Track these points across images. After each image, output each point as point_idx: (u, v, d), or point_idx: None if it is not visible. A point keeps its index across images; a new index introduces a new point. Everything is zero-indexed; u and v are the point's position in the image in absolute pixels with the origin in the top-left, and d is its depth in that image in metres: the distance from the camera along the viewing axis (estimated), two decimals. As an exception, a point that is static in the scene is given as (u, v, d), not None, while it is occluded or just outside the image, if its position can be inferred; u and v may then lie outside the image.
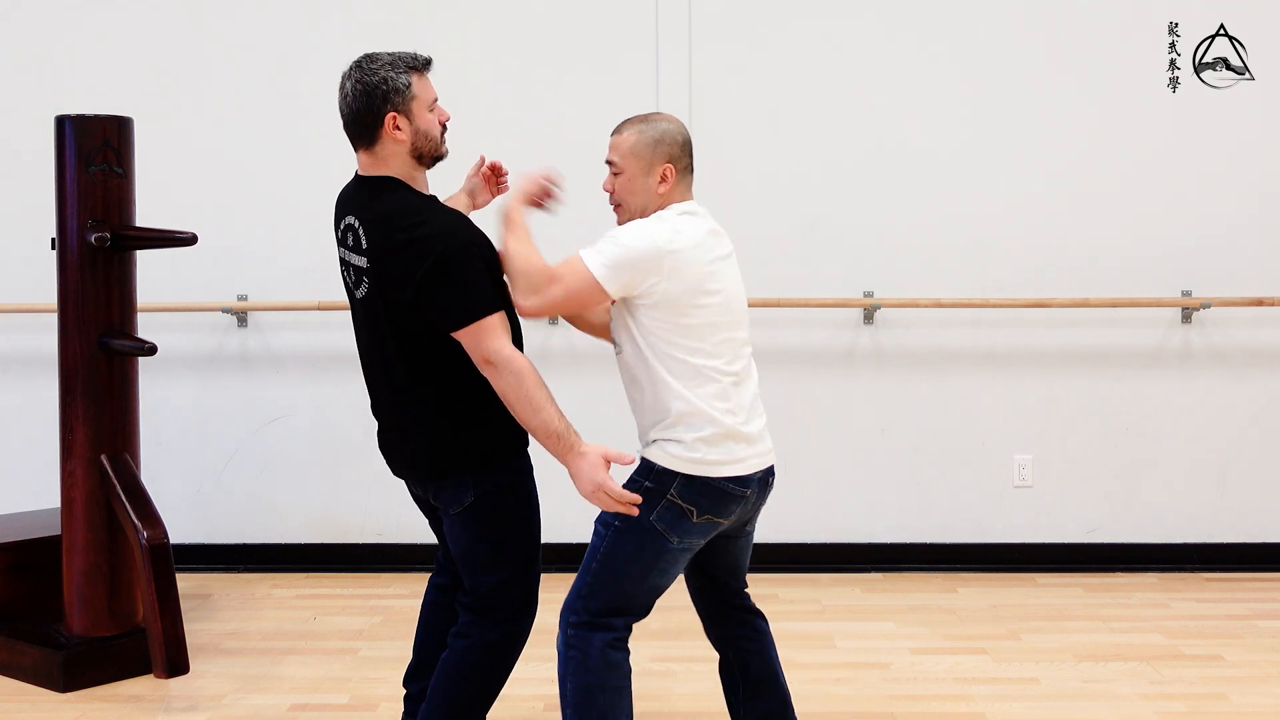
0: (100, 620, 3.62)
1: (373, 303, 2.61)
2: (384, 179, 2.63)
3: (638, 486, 2.54)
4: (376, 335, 2.64)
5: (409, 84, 2.58)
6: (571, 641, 2.55)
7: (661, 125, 2.62)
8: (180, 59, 4.74)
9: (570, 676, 2.53)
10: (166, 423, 4.78)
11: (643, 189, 2.60)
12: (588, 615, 2.55)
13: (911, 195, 4.69)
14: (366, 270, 2.60)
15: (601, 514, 2.60)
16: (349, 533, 4.84)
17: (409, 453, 2.69)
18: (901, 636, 3.98)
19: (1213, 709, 3.35)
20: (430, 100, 2.62)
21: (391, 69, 2.58)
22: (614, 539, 2.54)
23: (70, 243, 3.57)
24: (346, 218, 2.69)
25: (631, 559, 2.53)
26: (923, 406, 4.74)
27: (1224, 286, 4.68)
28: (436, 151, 2.66)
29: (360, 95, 2.60)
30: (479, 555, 2.67)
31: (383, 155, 2.63)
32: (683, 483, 2.51)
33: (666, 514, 2.52)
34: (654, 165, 2.59)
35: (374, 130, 2.60)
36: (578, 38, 4.71)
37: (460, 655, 2.71)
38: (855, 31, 4.69)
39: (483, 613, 2.70)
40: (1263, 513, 4.75)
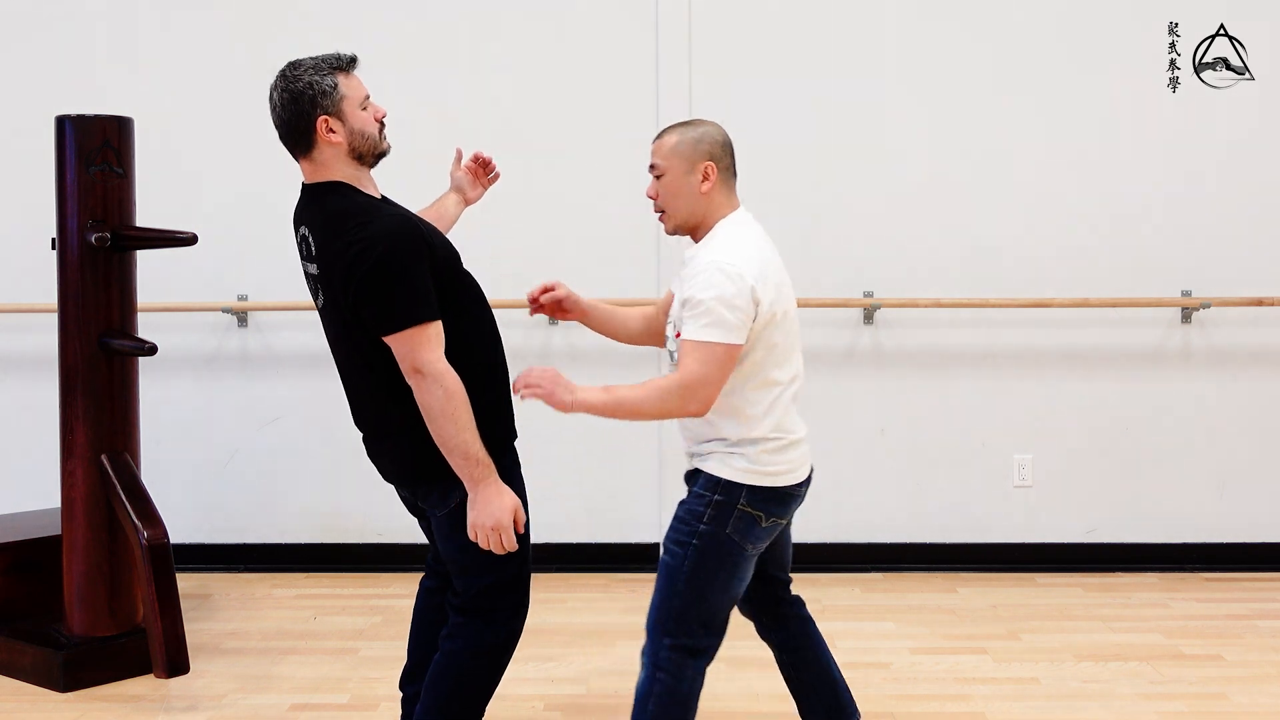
0: (100, 620, 3.62)
1: (332, 310, 2.57)
2: (328, 184, 2.59)
3: (705, 502, 2.56)
4: (345, 343, 2.60)
5: (335, 85, 2.53)
6: (664, 664, 2.56)
7: (702, 127, 2.64)
8: (180, 59, 4.74)
9: (655, 698, 2.55)
10: (166, 423, 4.78)
11: (686, 189, 2.60)
12: (686, 638, 2.57)
13: (912, 195, 4.69)
14: (319, 277, 2.55)
15: (671, 533, 2.61)
16: (349, 533, 4.84)
17: (393, 458, 2.67)
18: (901, 636, 3.98)
19: (1213, 709, 3.35)
20: (361, 98, 2.58)
21: (315, 73, 2.53)
22: (697, 557, 2.55)
23: (70, 243, 3.57)
24: (300, 228, 2.63)
25: (716, 572, 2.56)
26: (923, 406, 4.74)
27: (1224, 286, 4.68)
28: (377, 149, 2.61)
29: (288, 104, 2.55)
30: (469, 557, 2.63)
31: (322, 161, 2.58)
32: (749, 492, 2.55)
33: (740, 524, 2.56)
34: (696, 163, 2.59)
35: (308, 136, 2.56)
36: (577, 41, 4.71)
37: (451, 658, 2.68)
38: (855, 31, 4.69)
39: (474, 614, 2.67)
40: (1263, 513, 4.75)
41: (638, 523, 4.82)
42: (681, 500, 2.65)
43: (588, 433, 4.76)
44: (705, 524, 2.55)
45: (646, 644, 2.61)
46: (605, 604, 4.34)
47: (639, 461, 4.78)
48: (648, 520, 4.79)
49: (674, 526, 2.61)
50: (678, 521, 2.61)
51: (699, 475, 2.63)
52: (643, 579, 4.68)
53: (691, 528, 2.56)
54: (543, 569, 4.76)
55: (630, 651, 3.82)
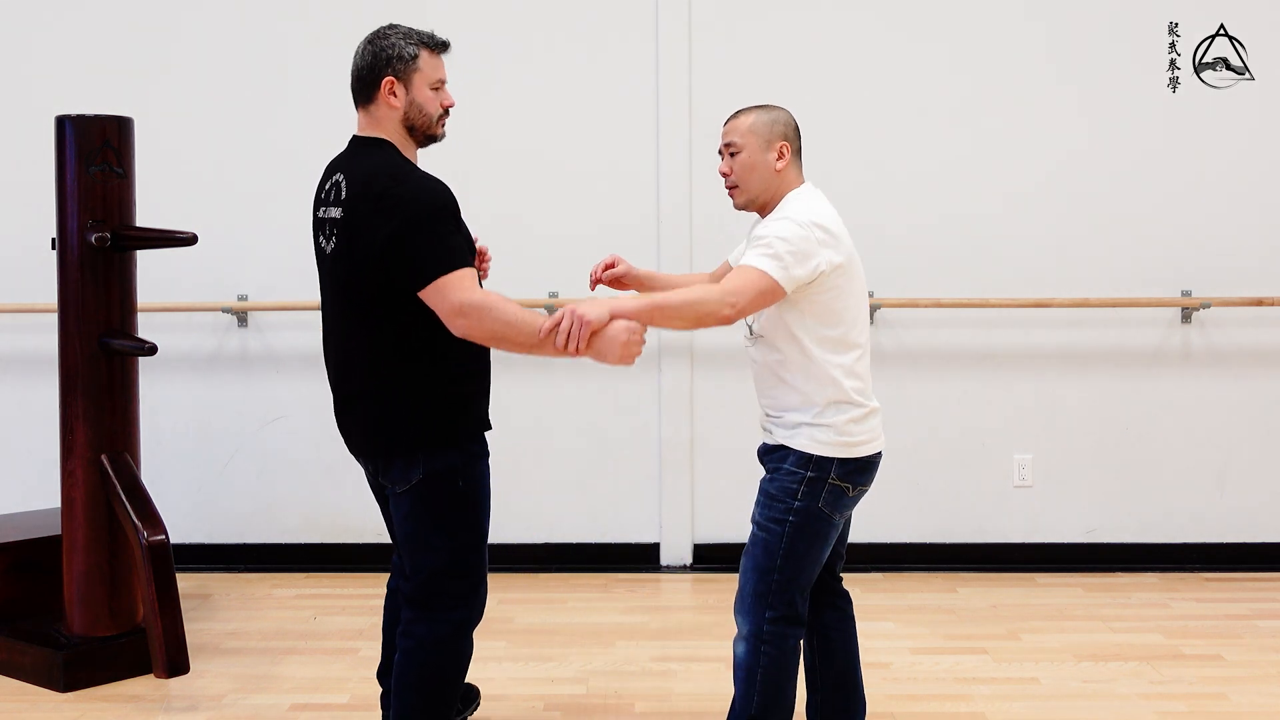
0: (100, 620, 3.62)
1: (340, 260, 2.58)
2: (376, 139, 2.66)
3: (799, 479, 2.66)
4: (344, 292, 2.61)
5: (415, 55, 2.63)
6: (767, 638, 2.67)
7: (775, 110, 2.77)
8: (180, 59, 4.74)
9: (764, 670, 2.67)
10: (166, 423, 4.78)
11: (762, 165, 2.71)
12: (787, 608, 2.68)
13: (911, 195, 4.69)
14: (339, 221, 2.58)
15: (764, 511, 2.70)
16: (349, 533, 4.84)
17: (362, 426, 2.65)
18: (901, 636, 3.98)
19: (1213, 709, 3.35)
20: (434, 79, 2.66)
21: (404, 39, 2.63)
22: (793, 534, 2.66)
23: (70, 243, 3.57)
24: (334, 176, 2.67)
25: (811, 544, 2.69)
26: (923, 406, 4.74)
27: (1224, 286, 4.68)
28: (430, 129, 2.68)
29: (367, 55, 2.65)
30: (421, 536, 2.62)
31: (377, 117, 2.66)
32: (839, 464, 2.68)
33: (830, 496, 2.68)
34: (772, 142, 2.72)
35: (372, 90, 2.65)
36: (578, 33, 4.71)
37: (409, 656, 2.66)
38: (855, 31, 4.69)
39: (425, 605, 2.65)
40: (1263, 513, 4.75)
41: (638, 523, 4.82)
42: (769, 477, 2.73)
43: (588, 433, 4.77)
44: (799, 500, 2.66)
45: (744, 621, 2.71)
46: (605, 604, 4.34)
47: (639, 462, 4.78)
48: (648, 520, 4.80)
49: (766, 504, 2.70)
50: (769, 499, 2.70)
51: (785, 452, 2.70)
52: (643, 579, 4.69)
53: (786, 505, 2.67)
54: (543, 569, 4.77)
55: (630, 652, 3.82)
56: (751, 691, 2.69)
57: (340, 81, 4.72)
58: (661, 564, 4.81)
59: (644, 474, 4.78)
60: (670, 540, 4.80)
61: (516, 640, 3.93)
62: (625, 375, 4.76)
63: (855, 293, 2.69)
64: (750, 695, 2.69)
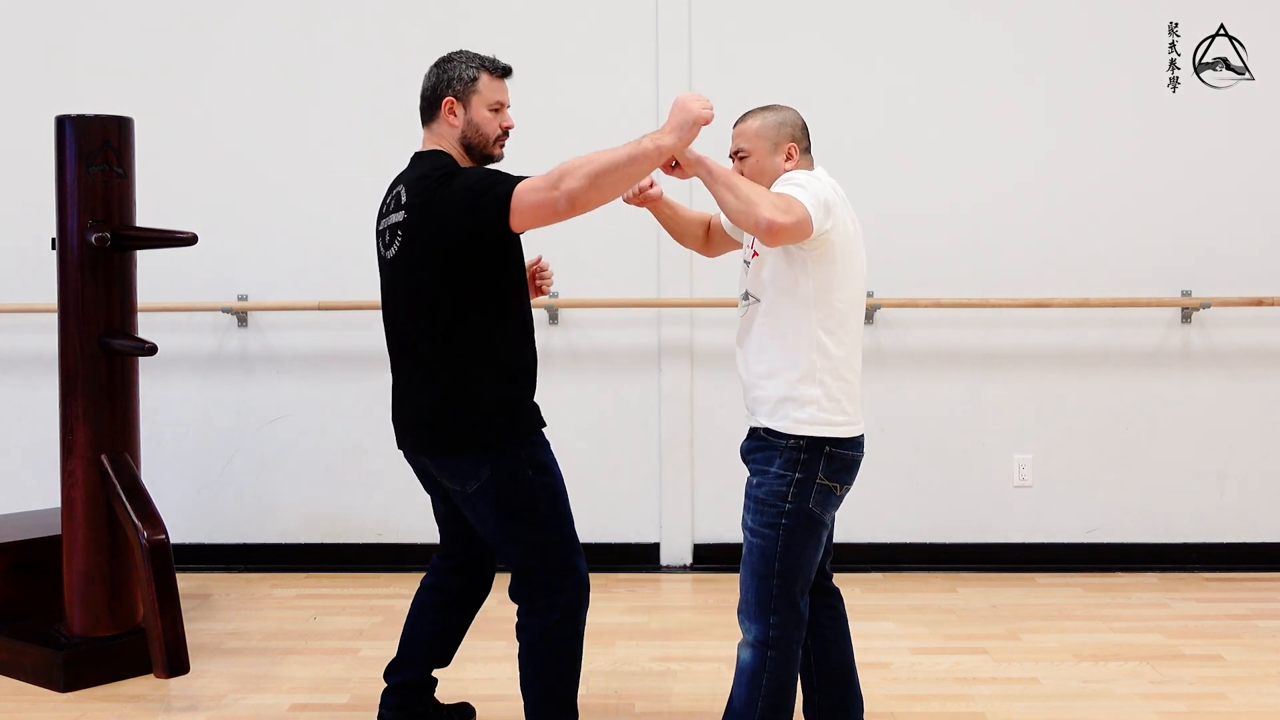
0: (100, 620, 3.62)
1: (403, 262, 2.69)
2: (433, 151, 2.79)
3: (787, 482, 2.67)
4: (407, 295, 2.72)
5: (475, 78, 2.77)
6: (774, 642, 2.69)
7: (782, 111, 2.80)
8: (180, 59, 4.74)
9: (769, 674, 2.69)
10: (166, 423, 4.79)
11: (770, 168, 2.74)
12: (788, 611, 2.70)
13: (911, 195, 4.70)
14: (401, 224, 2.69)
15: (756, 517, 2.70)
16: (349, 533, 4.84)
17: (423, 425, 2.73)
18: (901, 636, 3.98)
19: (1213, 709, 3.35)
20: (493, 101, 2.80)
21: (467, 63, 2.79)
22: (787, 538, 2.68)
23: (70, 243, 3.57)
24: (395, 188, 2.79)
25: (805, 545, 2.71)
26: (923, 406, 4.74)
27: (1224, 286, 4.68)
28: (486, 149, 2.81)
29: (433, 76, 2.81)
30: (504, 532, 2.73)
31: (437, 134, 2.81)
32: (827, 462, 2.67)
33: (819, 497, 2.70)
34: (780, 144, 2.76)
35: (433, 110, 2.79)
36: (576, 37, 4.71)
37: (530, 650, 2.79)
38: (855, 30, 4.69)
39: (528, 598, 2.77)
40: (1263, 513, 4.75)
41: (638, 523, 4.82)
42: (755, 482, 2.72)
43: (588, 433, 4.77)
44: (790, 503, 2.67)
45: (750, 627, 2.72)
46: (605, 604, 4.34)
47: (639, 462, 4.78)
48: (648, 520, 4.80)
49: (756, 510, 2.71)
50: (760, 505, 2.70)
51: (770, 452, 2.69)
52: (643, 579, 4.69)
53: (778, 508, 2.68)
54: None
55: (630, 652, 3.82)
56: (755, 695, 2.70)
57: (341, 82, 4.74)
58: (661, 564, 4.81)
59: (644, 474, 4.78)
60: (670, 540, 4.80)
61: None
62: (625, 375, 4.77)
63: (854, 268, 2.72)
64: (754, 700, 2.70)
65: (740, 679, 2.73)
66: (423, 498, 4.70)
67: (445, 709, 3.21)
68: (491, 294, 2.68)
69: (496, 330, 2.68)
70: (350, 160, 4.72)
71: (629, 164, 2.58)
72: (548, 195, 2.55)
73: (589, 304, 4.67)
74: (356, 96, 4.72)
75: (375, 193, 4.87)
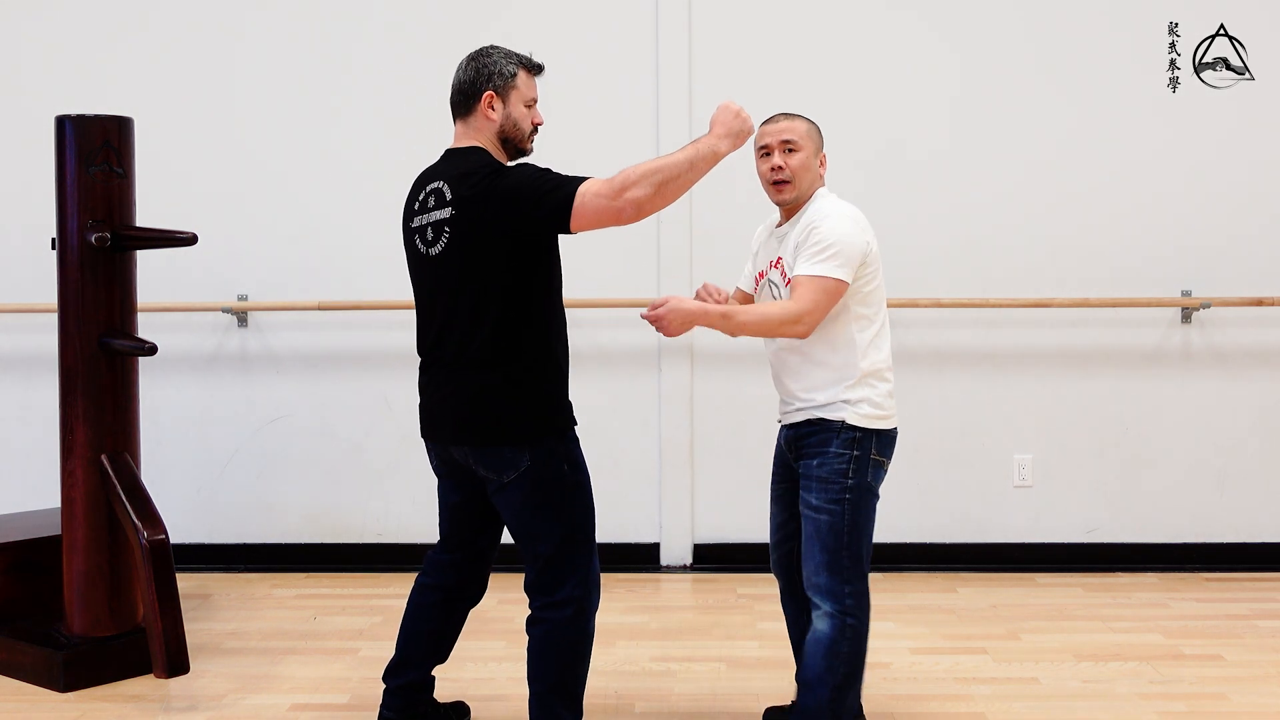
0: (100, 620, 3.62)
1: (451, 258, 2.73)
2: (472, 147, 2.82)
3: (846, 459, 2.85)
4: (453, 290, 2.74)
5: (514, 74, 2.82)
6: (852, 610, 2.83)
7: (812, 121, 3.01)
8: (180, 59, 4.74)
9: (849, 641, 2.83)
10: (166, 423, 4.79)
11: (811, 168, 2.96)
12: (860, 580, 2.86)
13: (911, 195, 4.70)
14: (449, 220, 2.72)
15: (820, 495, 2.84)
16: (349, 533, 4.84)
17: (465, 416, 2.77)
18: (901, 636, 3.98)
19: (1213, 709, 3.35)
20: (529, 98, 2.85)
21: (505, 59, 2.83)
22: (853, 512, 2.85)
23: (70, 243, 3.57)
24: (430, 184, 2.81)
25: (868, 520, 2.90)
26: (923, 406, 4.74)
27: (1224, 286, 4.68)
28: (521, 143, 2.86)
29: (470, 69, 2.83)
30: (537, 522, 2.78)
31: (475, 127, 2.84)
32: (877, 440, 2.88)
33: (876, 471, 2.90)
34: (820, 149, 3.00)
35: (472, 102, 2.82)
36: (577, 34, 4.71)
37: (540, 641, 2.84)
38: (854, 31, 4.69)
39: (547, 590, 2.83)
40: (1263, 513, 4.75)
41: (638, 523, 4.82)
42: (814, 462, 2.88)
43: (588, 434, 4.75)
44: (851, 478, 2.85)
45: (825, 599, 2.84)
46: (605, 604, 4.32)
47: (639, 462, 4.78)
48: (648, 520, 4.80)
49: (820, 489, 2.86)
50: (823, 483, 2.86)
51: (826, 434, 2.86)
52: (643, 579, 4.69)
53: (841, 484, 2.85)
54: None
55: (630, 652, 3.82)
56: (836, 664, 2.82)
57: (341, 81, 4.74)
58: (661, 564, 4.81)
59: (644, 474, 4.78)
60: (670, 540, 4.80)
61: (517, 640, 3.93)
62: (625, 375, 4.77)
63: (880, 273, 2.97)
64: (835, 667, 2.82)
65: (816, 649, 2.84)
66: (422, 498, 4.73)
67: (443, 708, 3.21)
68: (537, 291, 2.75)
69: (540, 326, 2.75)
70: (351, 160, 4.72)
71: (690, 170, 2.69)
72: (611, 204, 2.62)
73: (589, 304, 4.67)
74: (357, 96, 4.72)
75: (376, 193, 4.90)
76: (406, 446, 4.74)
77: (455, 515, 3.05)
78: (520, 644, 3.88)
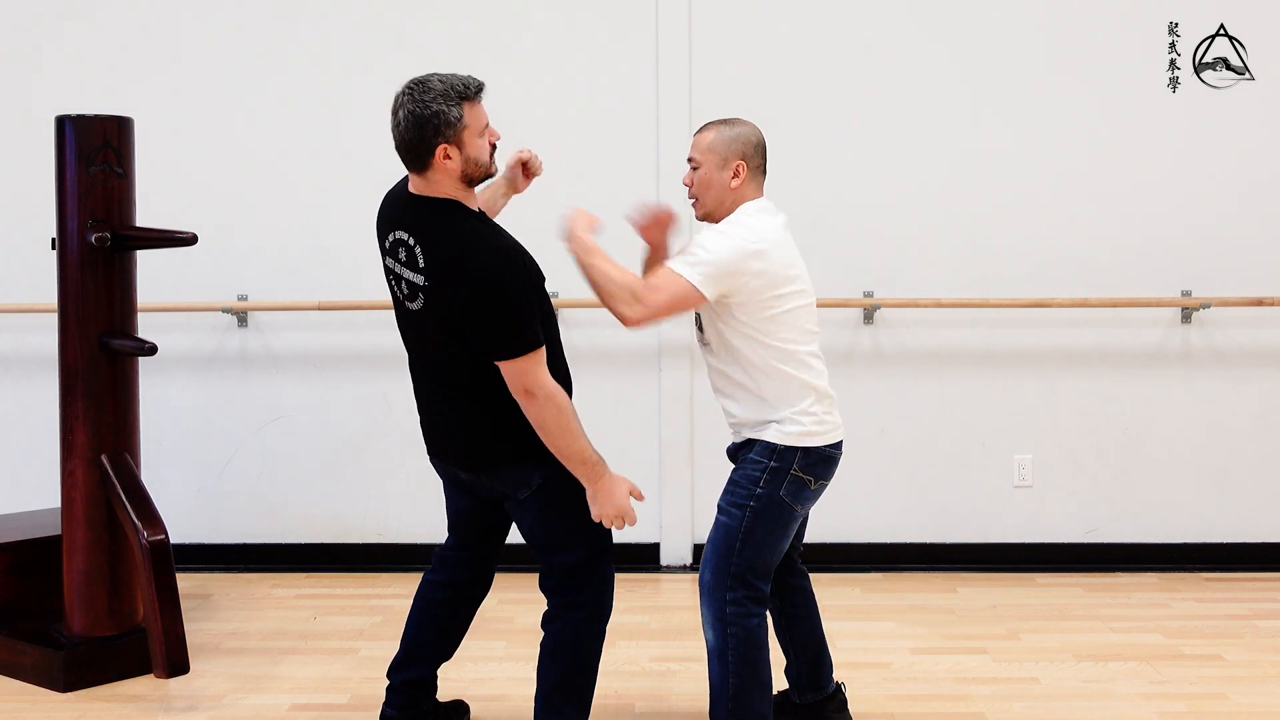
0: (100, 620, 3.62)
1: (428, 317, 2.69)
2: (440, 202, 2.69)
3: (761, 468, 2.79)
4: (433, 344, 2.72)
5: (460, 116, 2.62)
6: (731, 619, 2.79)
7: (739, 127, 2.88)
8: (180, 59, 4.74)
9: (733, 650, 2.79)
10: (166, 423, 4.78)
11: (717, 182, 2.84)
12: (745, 590, 2.80)
13: (912, 195, 4.70)
14: (424, 288, 2.66)
15: (727, 497, 2.83)
16: (349, 533, 4.84)
17: (474, 447, 2.78)
18: (901, 636, 3.98)
19: (1213, 709, 3.35)
20: (481, 127, 2.67)
21: (444, 101, 2.61)
22: (752, 519, 2.79)
23: (70, 243, 3.57)
24: (398, 232, 2.72)
25: (770, 531, 2.81)
26: (923, 406, 4.74)
27: (1224, 286, 4.68)
28: (486, 173, 2.73)
29: (413, 126, 2.62)
30: (555, 534, 2.80)
31: (434, 180, 2.68)
32: (802, 456, 2.79)
33: (791, 487, 2.80)
34: (728, 160, 2.83)
35: (425, 159, 2.65)
36: (577, 33, 4.71)
37: (555, 637, 2.86)
38: (855, 31, 4.69)
39: (566, 593, 2.84)
40: (1263, 513, 4.75)
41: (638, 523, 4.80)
42: (736, 466, 2.88)
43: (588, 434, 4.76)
44: (761, 488, 2.79)
45: (707, 603, 2.83)
46: (605, 604, 4.34)
47: (639, 462, 4.78)
48: (648, 520, 4.79)
49: (730, 490, 2.84)
50: (734, 485, 2.83)
51: (753, 444, 2.84)
52: (643, 579, 4.69)
53: (749, 491, 2.80)
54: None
55: (630, 652, 3.82)
56: (726, 673, 2.80)
57: (341, 81, 4.74)
58: (661, 564, 4.81)
59: (644, 474, 4.77)
60: (670, 540, 4.80)
61: (516, 640, 3.93)
62: (625, 375, 4.76)
63: (798, 301, 2.82)
64: (725, 677, 2.80)
65: (711, 661, 2.84)
66: (423, 498, 4.73)
67: (443, 706, 3.22)
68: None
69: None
70: (351, 160, 4.72)
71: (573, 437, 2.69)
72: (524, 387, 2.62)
73: (589, 304, 4.66)
74: (358, 96, 4.72)
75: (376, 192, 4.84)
76: (406, 446, 4.74)
77: (465, 518, 3.06)
78: (520, 644, 3.89)
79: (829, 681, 3.18)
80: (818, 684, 3.17)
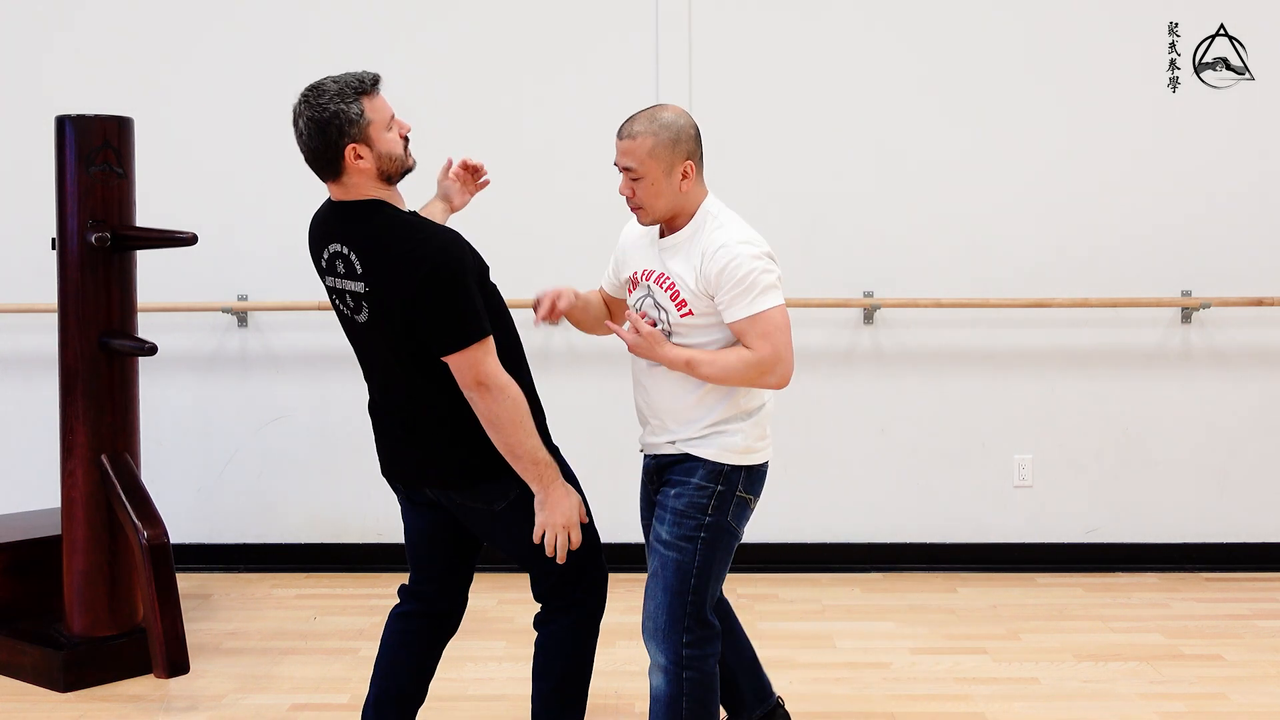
0: (100, 620, 3.62)
1: (378, 326, 2.57)
2: (366, 204, 2.57)
3: (709, 494, 2.63)
4: (388, 354, 2.61)
5: (361, 112, 2.51)
6: (688, 662, 2.62)
7: (673, 121, 2.58)
8: (180, 59, 4.74)
9: (688, 696, 2.62)
10: (166, 423, 4.78)
11: (667, 190, 2.59)
12: (701, 628, 2.64)
13: (912, 195, 4.69)
14: (366, 295, 2.55)
15: (673, 530, 2.65)
16: (349, 533, 4.84)
17: (441, 463, 2.65)
18: (901, 636, 3.98)
19: (1213, 709, 3.35)
20: (386, 120, 2.56)
21: (341, 100, 2.50)
22: (705, 551, 2.62)
23: (70, 243, 3.57)
24: (333, 245, 2.60)
25: (721, 562, 2.67)
26: (923, 406, 4.74)
27: (1224, 286, 4.68)
28: (403, 167, 2.60)
29: (315, 133, 2.52)
30: (539, 547, 2.69)
31: (352, 184, 2.57)
32: (744, 476, 2.64)
33: (737, 510, 2.66)
34: (675, 165, 2.58)
35: (336, 164, 2.54)
36: (577, 37, 4.71)
37: (548, 640, 2.82)
38: (856, 31, 4.69)
39: (558, 596, 2.80)
40: (1263, 513, 4.75)
41: (638, 523, 4.79)
42: (672, 492, 2.67)
43: (586, 434, 4.76)
44: (710, 515, 2.62)
45: (661, 650, 2.65)
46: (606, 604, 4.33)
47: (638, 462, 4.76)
48: (648, 520, 4.79)
49: (675, 522, 2.64)
50: (679, 516, 2.64)
51: (692, 464, 2.65)
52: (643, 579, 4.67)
53: (698, 521, 2.62)
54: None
55: (631, 652, 3.82)
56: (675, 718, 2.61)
57: (340, 81, 4.73)
58: (661, 564, 4.81)
59: (644, 474, 4.77)
60: (670, 540, 4.79)
61: (516, 640, 3.93)
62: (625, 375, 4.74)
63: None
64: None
65: (656, 709, 2.64)
66: (423, 498, 4.72)
67: None
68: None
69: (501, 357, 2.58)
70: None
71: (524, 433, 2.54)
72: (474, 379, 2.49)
73: (589, 304, 4.66)
74: (356, 96, 4.71)
75: (375, 193, 4.88)
76: (406, 446, 4.74)
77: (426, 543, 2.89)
78: (520, 644, 3.88)
79: (771, 691, 3.06)
80: (762, 695, 3.03)
